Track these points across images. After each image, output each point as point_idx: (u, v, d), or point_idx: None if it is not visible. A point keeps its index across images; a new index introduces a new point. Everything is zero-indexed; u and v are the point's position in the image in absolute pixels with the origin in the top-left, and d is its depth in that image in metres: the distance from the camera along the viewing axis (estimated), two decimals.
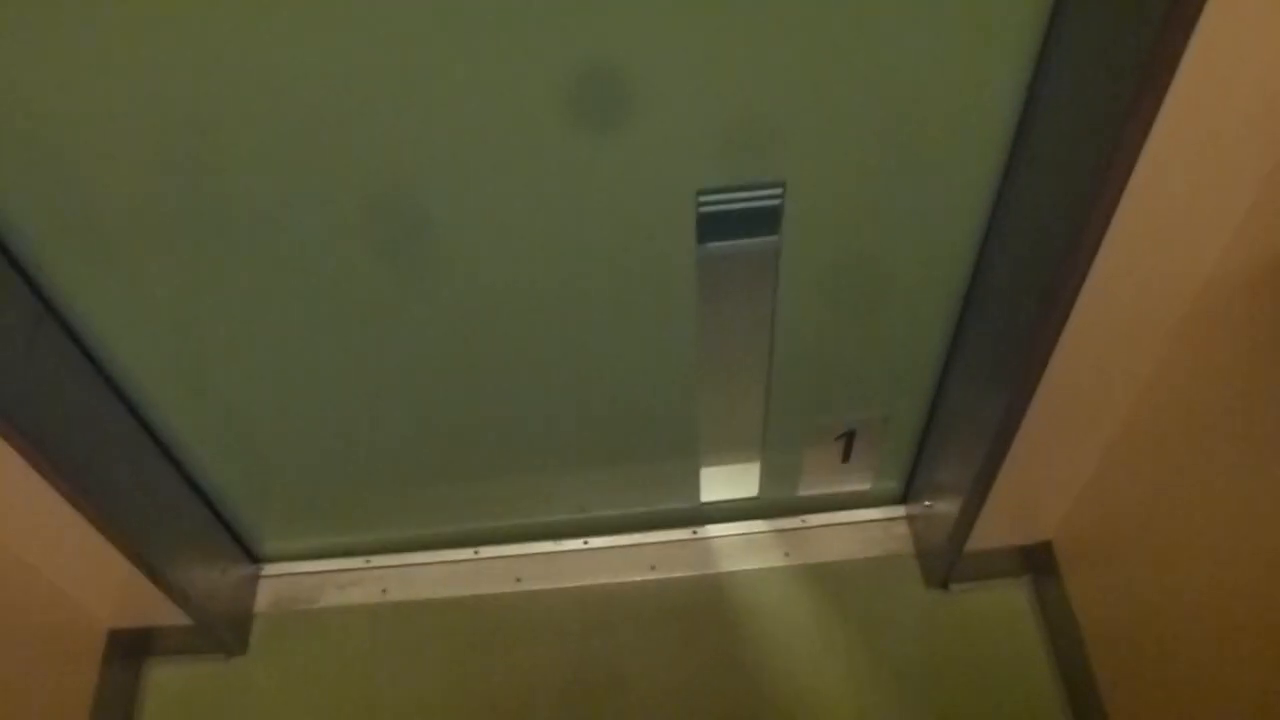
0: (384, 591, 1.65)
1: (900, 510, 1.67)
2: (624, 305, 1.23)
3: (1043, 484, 1.38)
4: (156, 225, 1.07)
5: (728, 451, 1.53)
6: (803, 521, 1.68)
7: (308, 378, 1.32)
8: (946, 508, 1.45)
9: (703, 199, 1.08)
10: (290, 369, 1.30)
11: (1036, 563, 1.54)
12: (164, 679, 1.59)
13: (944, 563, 1.53)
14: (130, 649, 1.57)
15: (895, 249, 1.18)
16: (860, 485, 1.64)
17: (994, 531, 1.45)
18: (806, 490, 1.64)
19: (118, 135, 0.96)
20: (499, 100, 0.96)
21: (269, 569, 1.68)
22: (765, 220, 1.12)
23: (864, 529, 1.66)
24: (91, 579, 1.41)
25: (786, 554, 1.65)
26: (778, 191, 1.08)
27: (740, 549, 1.66)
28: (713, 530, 1.68)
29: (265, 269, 1.14)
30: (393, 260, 1.14)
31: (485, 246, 1.13)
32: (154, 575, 1.36)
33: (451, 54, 0.91)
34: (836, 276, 1.21)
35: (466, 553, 1.69)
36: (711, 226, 1.12)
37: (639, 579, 1.65)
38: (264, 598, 1.66)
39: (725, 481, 1.61)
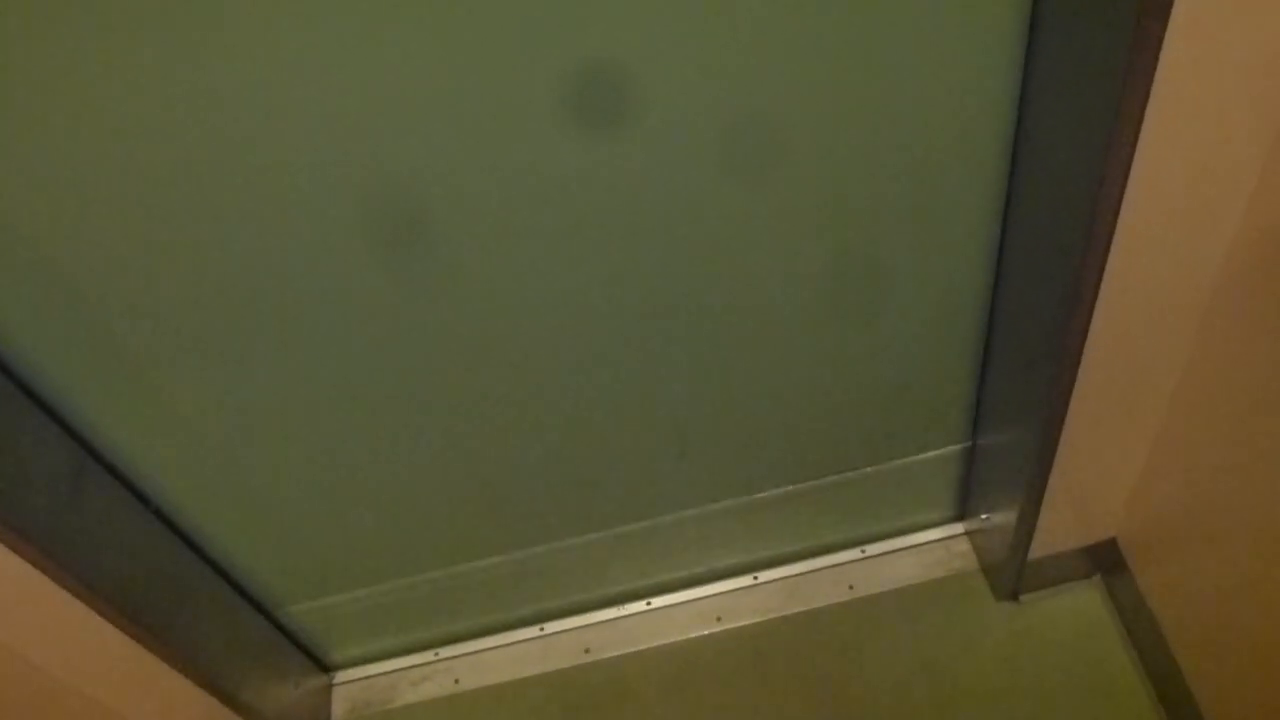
0: (456, 682, 1.65)
1: (959, 528, 1.65)
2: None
3: (1097, 480, 1.36)
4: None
5: None
6: (862, 552, 1.66)
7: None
8: (1004, 518, 1.43)
9: None
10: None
11: (1104, 561, 1.51)
12: None
13: (1010, 574, 1.50)
14: None
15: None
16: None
17: (1056, 536, 1.42)
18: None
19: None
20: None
21: (341, 676, 1.69)
22: None
23: (924, 551, 1.64)
24: (169, 712, 1.41)
25: (851, 587, 1.63)
26: None
27: (804, 588, 1.65)
28: (774, 574, 1.67)
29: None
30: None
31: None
32: (229, 700, 1.37)
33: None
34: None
35: (532, 631, 1.69)
36: None
37: (707, 632, 1.64)
38: (340, 706, 1.66)
39: None
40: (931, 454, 1.51)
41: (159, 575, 1.27)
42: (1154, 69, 0.81)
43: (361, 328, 1.12)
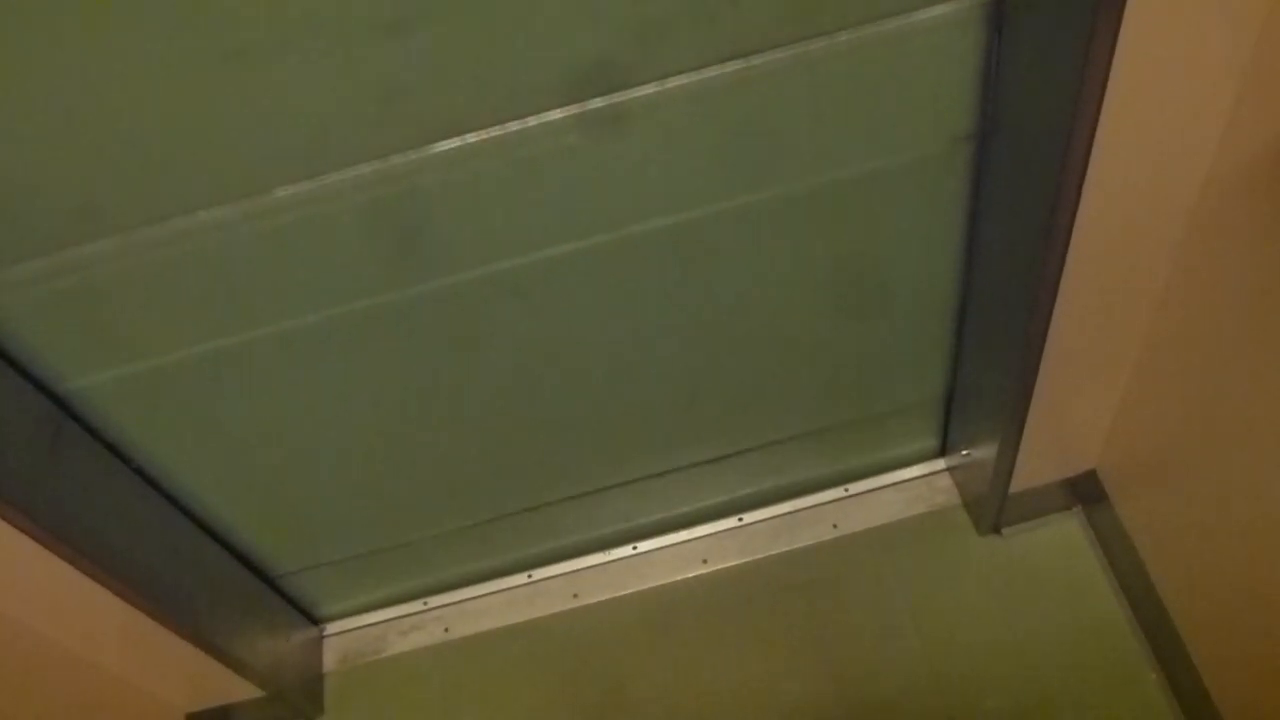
0: (446, 630, 1.66)
1: (940, 464, 1.66)
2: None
3: (1076, 413, 1.37)
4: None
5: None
6: (845, 491, 1.67)
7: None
8: (985, 453, 1.44)
9: None
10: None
11: (1084, 493, 1.53)
12: None
13: (992, 508, 1.52)
14: None
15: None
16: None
17: (1036, 469, 1.44)
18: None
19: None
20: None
21: (331, 628, 1.70)
22: None
23: (907, 488, 1.65)
24: (160, 668, 1.43)
25: (835, 525, 1.65)
26: None
27: (789, 528, 1.66)
28: (759, 514, 1.68)
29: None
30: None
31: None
32: (220, 655, 1.38)
33: None
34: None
35: (521, 578, 1.70)
36: None
37: (693, 574, 1.65)
38: (331, 657, 1.68)
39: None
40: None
41: (143, 533, 1.27)
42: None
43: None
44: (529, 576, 1.70)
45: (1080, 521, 1.56)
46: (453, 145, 0.97)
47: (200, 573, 1.38)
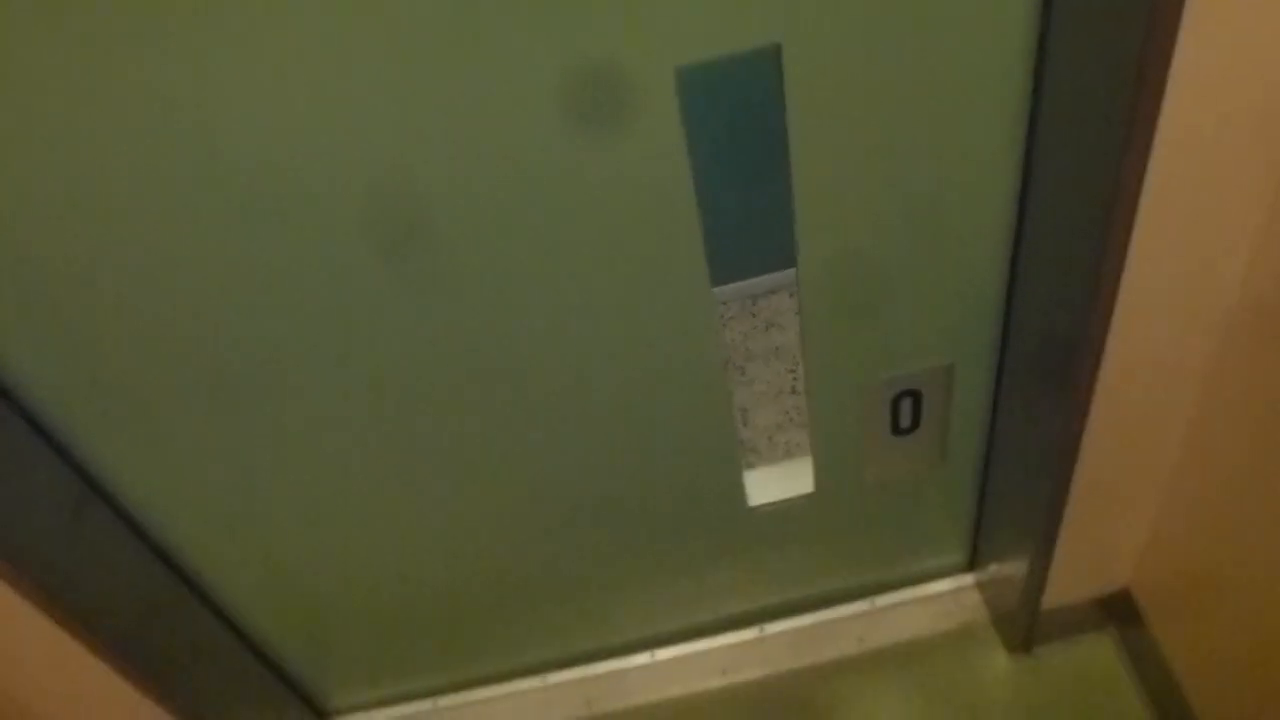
0: None
1: (969, 579, 1.63)
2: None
3: (1110, 529, 1.34)
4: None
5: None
6: (871, 604, 1.63)
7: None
8: (1015, 569, 1.41)
9: None
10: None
11: (1118, 612, 1.48)
12: None
13: (1022, 626, 1.48)
14: None
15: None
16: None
17: (1068, 586, 1.40)
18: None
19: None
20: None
21: None
22: None
23: (935, 603, 1.61)
24: None
25: (860, 639, 1.60)
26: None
27: (811, 641, 1.62)
28: (780, 625, 1.64)
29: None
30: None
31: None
32: None
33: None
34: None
35: (534, 681, 1.66)
36: None
37: (712, 686, 1.60)
38: None
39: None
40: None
41: (156, 613, 1.25)
42: (1153, 132, 0.82)
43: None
44: (543, 680, 1.66)
45: (1114, 642, 1.51)
46: None
47: (210, 658, 1.36)
